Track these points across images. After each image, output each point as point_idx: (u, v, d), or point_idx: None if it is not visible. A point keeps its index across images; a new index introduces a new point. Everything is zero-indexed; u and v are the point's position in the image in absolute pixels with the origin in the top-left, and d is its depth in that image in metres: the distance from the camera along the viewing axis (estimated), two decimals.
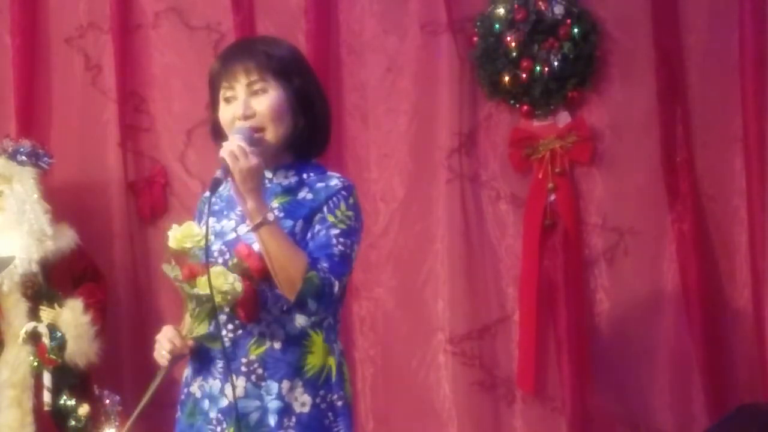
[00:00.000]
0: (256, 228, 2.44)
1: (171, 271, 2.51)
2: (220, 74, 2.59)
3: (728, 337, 4.09)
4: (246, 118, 2.54)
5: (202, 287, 2.45)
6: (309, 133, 2.62)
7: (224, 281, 2.42)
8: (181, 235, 2.49)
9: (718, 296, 4.10)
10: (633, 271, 4.12)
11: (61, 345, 3.71)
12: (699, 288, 4.05)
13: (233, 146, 2.44)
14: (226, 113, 2.57)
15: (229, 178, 2.45)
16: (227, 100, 2.58)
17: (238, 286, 2.44)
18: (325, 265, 2.48)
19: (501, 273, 4.14)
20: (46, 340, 3.71)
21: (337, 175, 2.64)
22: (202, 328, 2.51)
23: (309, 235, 2.53)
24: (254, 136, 2.51)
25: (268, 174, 2.58)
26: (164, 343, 2.53)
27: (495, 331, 4.13)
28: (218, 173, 2.45)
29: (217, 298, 2.43)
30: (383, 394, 4.16)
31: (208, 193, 2.71)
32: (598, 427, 4.10)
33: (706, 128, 4.10)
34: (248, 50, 2.60)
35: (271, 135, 2.55)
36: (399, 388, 4.15)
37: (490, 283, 4.14)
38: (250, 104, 2.55)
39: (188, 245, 2.48)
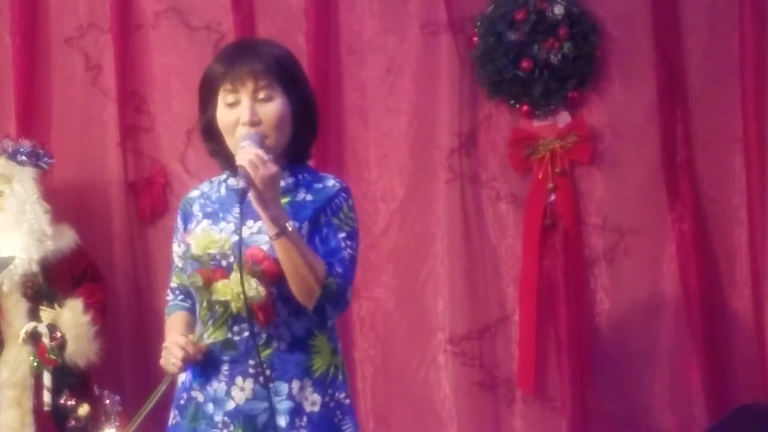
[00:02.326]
0: (277, 236, 2.41)
1: (187, 278, 2.50)
2: (223, 76, 2.53)
3: (728, 337, 4.10)
4: (253, 124, 2.50)
5: (219, 293, 2.45)
6: (306, 138, 2.61)
7: (249, 287, 2.42)
8: (204, 241, 2.48)
9: (718, 296, 4.11)
10: (633, 271, 4.12)
11: (61, 345, 3.71)
12: (699, 288, 4.05)
13: (251, 155, 2.40)
14: (229, 117, 2.52)
15: (252, 187, 2.40)
16: (230, 103, 2.52)
17: (262, 291, 2.43)
18: (339, 270, 2.49)
19: (501, 273, 4.14)
20: (46, 340, 3.71)
21: (332, 176, 2.64)
22: (220, 334, 2.51)
23: (317, 238, 2.52)
24: (264, 142, 2.48)
25: None
26: (175, 351, 2.49)
27: (495, 331, 4.13)
28: (242, 183, 2.38)
29: (239, 304, 2.43)
30: (383, 394, 4.16)
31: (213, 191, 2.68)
32: (598, 427, 4.10)
33: (706, 128, 4.10)
34: (254, 53, 2.54)
35: (272, 142, 2.52)
36: (399, 388, 4.15)
37: (490, 283, 4.14)
38: (257, 111, 2.50)
39: (213, 251, 2.47)
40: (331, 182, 2.59)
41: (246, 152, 2.41)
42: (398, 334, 4.17)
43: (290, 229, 2.42)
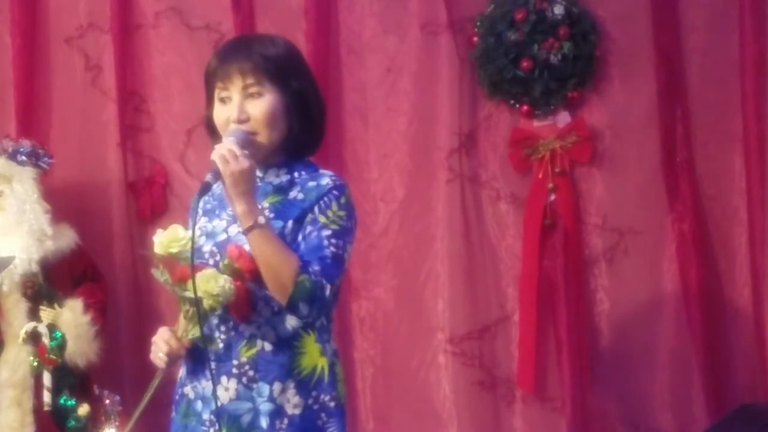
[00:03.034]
0: (246, 231, 2.43)
1: (161, 275, 2.50)
2: (216, 73, 2.56)
3: (728, 337, 4.10)
4: (240, 122, 2.51)
5: (191, 290, 2.43)
6: (303, 134, 2.60)
7: (215, 284, 2.41)
8: (167, 240, 2.47)
9: (718, 296, 4.11)
10: (633, 271, 4.12)
11: (61, 345, 3.71)
12: (699, 288, 4.05)
13: (224, 149, 2.43)
14: (221, 114, 2.55)
15: (221, 181, 2.44)
16: (222, 100, 2.55)
17: (229, 288, 2.43)
18: (316, 268, 2.46)
19: (501, 273, 4.14)
20: (46, 340, 3.71)
21: (329, 173, 2.61)
22: (197, 330, 2.50)
23: (300, 236, 2.51)
24: (248, 138, 2.50)
25: (259, 173, 2.56)
26: (160, 345, 2.52)
27: (495, 331, 4.13)
28: (208, 177, 2.43)
29: (209, 301, 2.43)
30: (383, 394, 4.16)
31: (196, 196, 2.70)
32: (598, 427, 4.10)
33: (706, 128, 4.10)
34: (245, 51, 2.56)
35: (263, 139, 2.53)
36: (399, 388, 4.15)
37: (490, 283, 4.14)
38: (245, 108, 2.52)
39: (174, 250, 2.46)
40: (325, 180, 2.56)
41: (220, 147, 2.45)
42: (398, 334, 4.17)
43: (261, 223, 2.42)
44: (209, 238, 2.56)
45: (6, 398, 3.69)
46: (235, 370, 2.51)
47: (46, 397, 3.71)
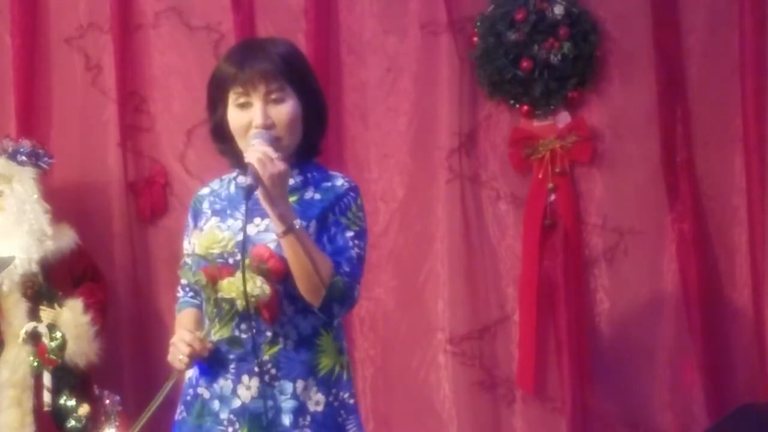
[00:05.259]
0: (283, 234, 2.42)
1: (192, 276, 2.50)
2: (234, 78, 2.52)
3: (728, 337, 4.09)
4: (266, 128, 2.50)
5: (225, 291, 2.45)
6: (314, 136, 2.61)
7: (254, 285, 2.43)
8: (207, 241, 2.49)
9: (718, 296, 4.10)
10: (633, 271, 4.12)
11: (61, 345, 3.71)
12: (699, 288, 4.05)
13: (259, 152, 2.41)
14: (241, 120, 2.52)
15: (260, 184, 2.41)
16: (241, 105, 2.53)
17: (267, 289, 2.44)
18: (346, 269, 2.49)
19: (501, 273, 4.14)
20: (46, 340, 3.71)
21: (341, 174, 2.64)
22: (226, 331, 2.52)
23: (325, 237, 2.52)
24: (275, 141, 2.48)
25: None
26: (182, 347, 2.50)
27: (495, 331, 4.13)
28: (249, 180, 2.39)
29: (244, 301, 2.44)
30: (383, 394, 4.16)
31: (224, 189, 2.67)
32: (598, 427, 4.10)
33: (706, 128, 4.10)
34: (265, 55, 2.54)
35: (287, 143, 2.53)
36: (399, 388, 4.15)
37: (490, 283, 4.14)
38: (269, 113, 2.51)
39: (216, 251, 2.47)
40: (340, 181, 2.59)
41: (254, 150, 2.43)
42: (398, 334, 4.17)
43: (297, 226, 2.43)
44: None
45: (6, 398, 3.69)
46: (256, 368, 2.51)
47: (46, 397, 3.71)
